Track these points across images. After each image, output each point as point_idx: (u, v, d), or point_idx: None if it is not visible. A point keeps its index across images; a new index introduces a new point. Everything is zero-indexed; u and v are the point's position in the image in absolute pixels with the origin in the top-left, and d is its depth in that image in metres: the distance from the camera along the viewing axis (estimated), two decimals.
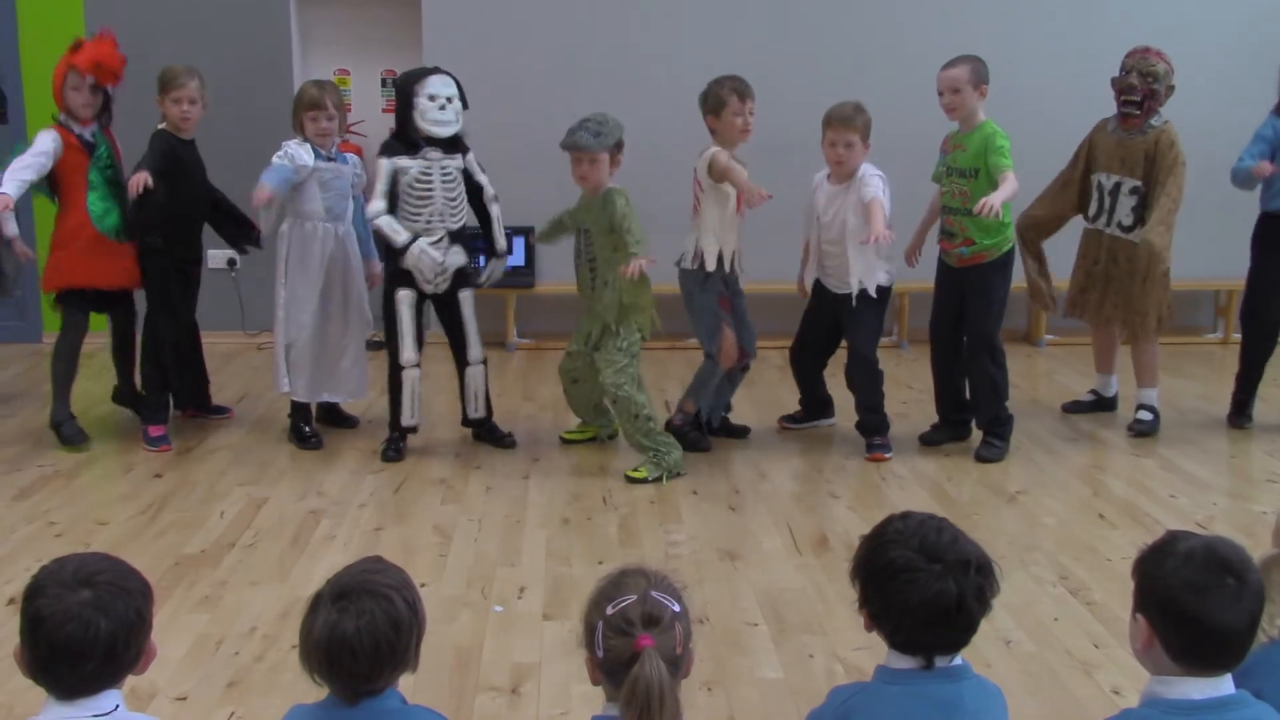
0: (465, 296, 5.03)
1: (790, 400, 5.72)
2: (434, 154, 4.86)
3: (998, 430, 5.10)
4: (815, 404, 5.51)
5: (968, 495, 4.69)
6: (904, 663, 1.97)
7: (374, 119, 7.66)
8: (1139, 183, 5.20)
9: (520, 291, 7.17)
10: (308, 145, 5.00)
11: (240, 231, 5.45)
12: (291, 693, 2.98)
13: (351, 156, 5.34)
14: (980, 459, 5.04)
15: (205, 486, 4.71)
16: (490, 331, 7.04)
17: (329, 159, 5.09)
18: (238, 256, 6.93)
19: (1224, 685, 1.90)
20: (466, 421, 5.24)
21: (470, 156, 4.99)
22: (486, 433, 5.25)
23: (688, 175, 5.08)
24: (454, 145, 4.93)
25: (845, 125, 4.87)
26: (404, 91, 4.85)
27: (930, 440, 5.27)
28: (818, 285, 5.18)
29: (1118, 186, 5.27)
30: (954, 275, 5.09)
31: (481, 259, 5.29)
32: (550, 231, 5.17)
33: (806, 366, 5.41)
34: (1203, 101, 5.90)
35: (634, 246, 4.65)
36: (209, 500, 4.56)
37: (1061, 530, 4.31)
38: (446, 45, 6.90)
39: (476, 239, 5.19)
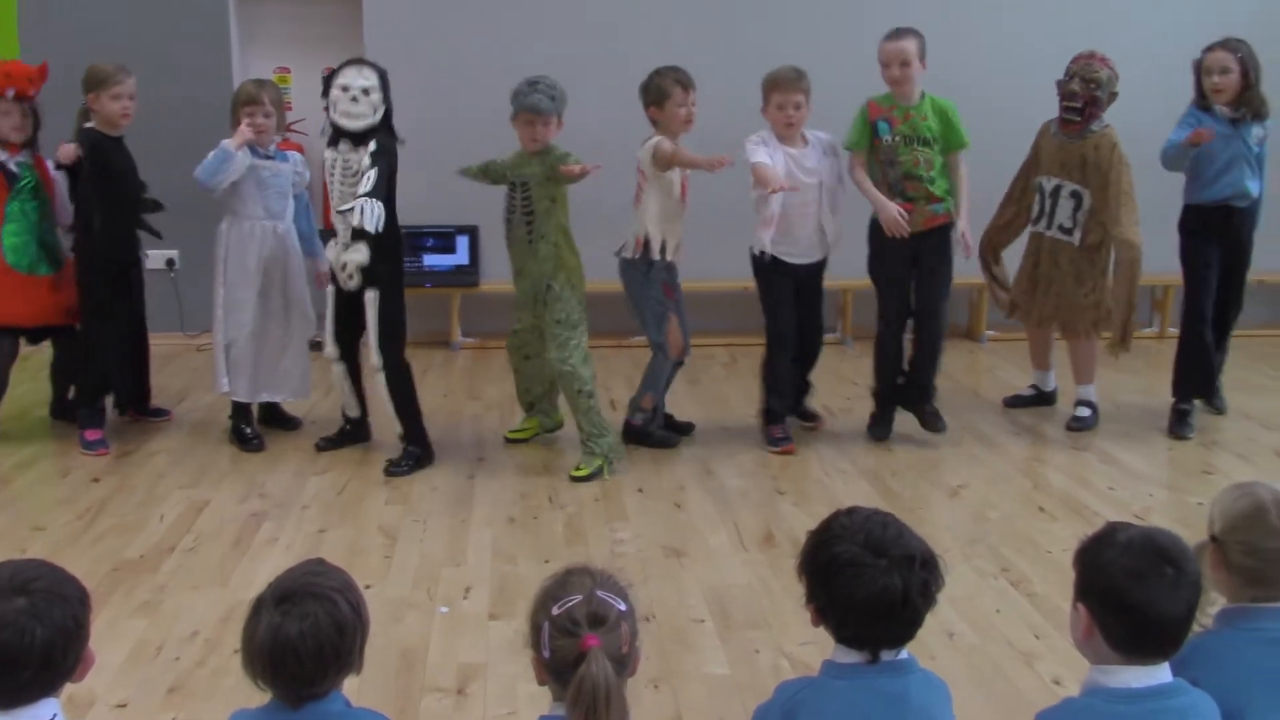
0: (369, 297, 4.76)
1: (737, 398, 5.74)
2: (344, 146, 4.73)
3: (933, 395, 5.27)
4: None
5: (911, 490, 4.73)
6: (850, 657, 1.98)
7: (315, 117, 7.47)
8: (1077, 186, 5.28)
9: (465, 290, 7.14)
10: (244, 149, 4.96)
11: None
12: (234, 697, 2.95)
13: (293, 154, 5.29)
14: (937, 430, 5.21)
15: (144, 490, 4.64)
16: (435, 330, 7.04)
17: (267, 157, 5.04)
18: (177, 257, 6.87)
19: (1162, 673, 1.94)
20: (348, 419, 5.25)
21: (372, 148, 4.61)
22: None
23: (632, 171, 5.07)
24: (366, 138, 4.66)
25: (793, 86, 4.92)
26: (327, 82, 4.79)
27: (881, 435, 5.31)
28: (780, 265, 5.09)
29: (1058, 189, 5.35)
30: (908, 246, 5.04)
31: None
32: (478, 172, 5.10)
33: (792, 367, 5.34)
34: (1134, 100, 5.97)
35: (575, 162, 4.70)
36: (148, 504, 4.49)
37: (1003, 523, 4.36)
38: (387, 42, 6.85)
39: (422, 237, 5.15)
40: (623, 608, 1.92)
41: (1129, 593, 1.90)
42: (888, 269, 5.17)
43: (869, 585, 1.92)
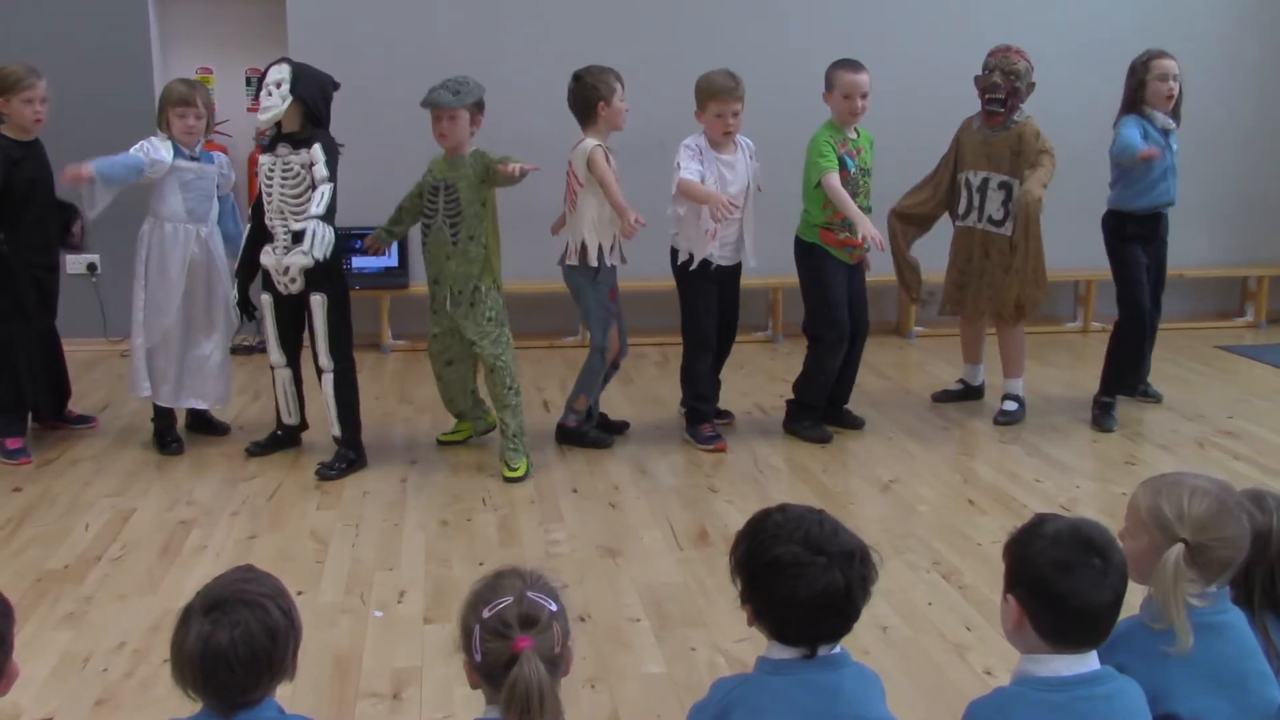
0: (316, 300, 4.70)
1: (670, 397, 5.76)
2: (283, 149, 4.67)
3: (846, 399, 5.52)
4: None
5: (843, 485, 4.77)
6: (785, 653, 1.99)
7: (238, 118, 7.47)
8: (1006, 177, 5.34)
9: (394, 292, 7.09)
10: (169, 143, 4.88)
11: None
12: (164, 708, 2.90)
13: (219, 155, 5.21)
14: (858, 425, 5.42)
15: (68, 499, 4.55)
16: (365, 333, 6.97)
17: (192, 158, 4.96)
18: (98, 261, 6.74)
19: (1090, 661, 1.97)
20: (286, 429, 5.14)
21: (317, 149, 4.62)
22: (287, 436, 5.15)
23: (560, 171, 5.07)
24: (307, 141, 4.64)
25: (731, 95, 4.93)
26: (258, 85, 4.79)
27: (826, 437, 5.32)
28: (706, 269, 5.10)
29: (985, 182, 5.40)
30: (847, 268, 5.24)
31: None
32: (393, 226, 5.09)
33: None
34: (1056, 95, 6.08)
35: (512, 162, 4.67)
36: (72, 513, 4.40)
37: (933, 517, 4.41)
38: (311, 42, 6.77)
39: (351, 239, 5.08)
40: (554, 608, 1.91)
41: (1057, 583, 1.93)
42: (838, 289, 5.22)
43: (812, 584, 1.93)
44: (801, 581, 1.93)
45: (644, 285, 6.06)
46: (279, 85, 4.62)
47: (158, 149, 4.84)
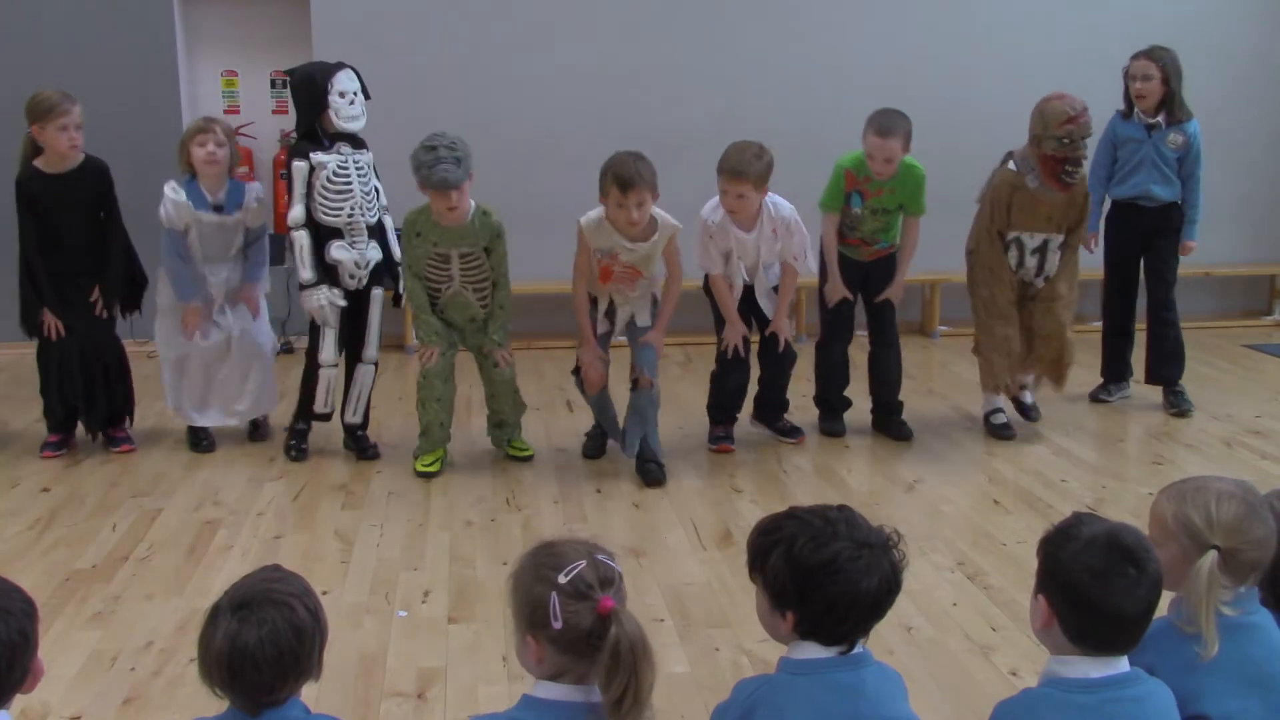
0: (376, 294, 4.96)
1: (694, 398, 5.75)
2: (345, 149, 4.77)
3: (900, 408, 5.39)
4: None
5: (867, 486, 4.76)
6: (808, 653, 1.98)
7: (263, 120, 7.51)
8: (1062, 235, 5.14)
9: None
10: (182, 193, 4.87)
11: (128, 291, 5.14)
12: (191, 706, 2.93)
13: (251, 188, 5.12)
14: (904, 438, 5.27)
15: (96, 499, 4.58)
16: (389, 334, 6.98)
17: (216, 206, 4.93)
18: None
19: (1120, 663, 1.95)
20: (345, 425, 5.12)
21: (371, 155, 4.90)
22: (354, 441, 5.11)
23: (585, 172, 5.02)
24: (359, 141, 4.85)
25: (736, 177, 4.66)
26: (316, 89, 4.71)
27: (836, 430, 5.36)
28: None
29: (1045, 244, 5.14)
30: (860, 268, 5.20)
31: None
32: (431, 312, 4.81)
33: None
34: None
35: (504, 293, 4.80)
36: (100, 513, 4.43)
37: (958, 517, 4.40)
38: (336, 44, 6.78)
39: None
40: (620, 569, 1.92)
41: (1089, 590, 1.91)
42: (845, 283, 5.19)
43: (869, 577, 1.91)
44: (861, 577, 1.90)
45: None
46: (357, 94, 4.77)
47: (175, 213, 4.88)
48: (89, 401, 5.06)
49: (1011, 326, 5.20)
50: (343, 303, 4.87)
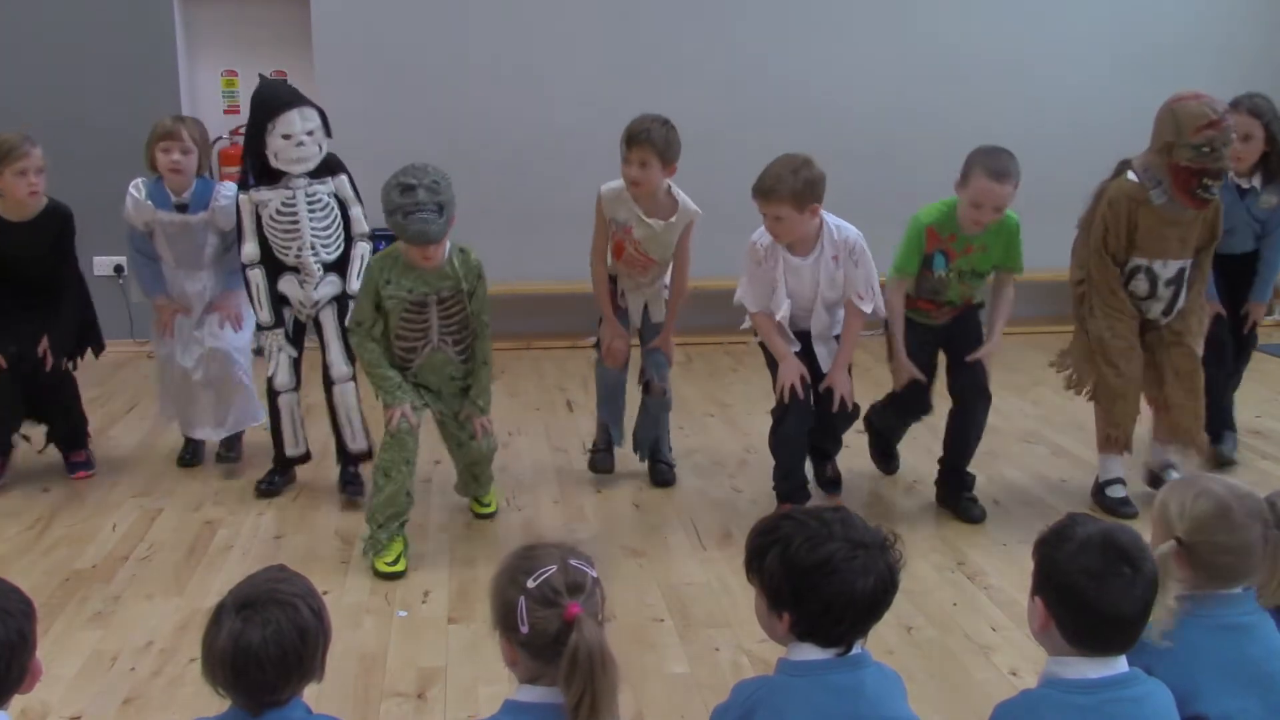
0: (326, 312, 4.45)
1: (693, 398, 5.75)
2: (298, 181, 4.33)
3: (971, 483, 4.48)
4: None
5: (867, 485, 4.76)
6: (806, 654, 1.98)
7: None
8: (1192, 260, 4.37)
9: None
10: (150, 187, 4.62)
11: (79, 340, 4.83)
12: (191, 706, 2.93)
13: (225, 187, 4.71)
14: (977, 519, 4.35)
15: (96, 499, 4.59)
16: None
17: (179, 205, 4.62)
18: (125, 263, 6.79)
19: (1118, 663, 1.96)
20: (347, 456, 4.58)
21: (343, 179, 4.43)
22: (347, 476, 4.64)
23: (586, 172, 5.02)
24: (324, 169, 4.39)
25: (765, 197, 4.03)
26: (258, 124, 4.29)
27: (892, 468, 4.87)
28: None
29: (1180, 273, 4.33)
30: (935, 333, 4.42)
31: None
32: (397, 374, 4.02)
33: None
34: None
35: (486, 344, 4.10)
36: (100, 513, 4.44)
37: (958, 517, 4.39)
38: (336, 44, 6.83)
39: (375, 240, 5.04)
40: (594, 575, 1.92)
41: (1084, 591, 1.91)
42: (912, 358, 4.35)
43: (865, 577, 1.91)
44: (856, 577, 1.91)
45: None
46: (312, 134, 4.32)
47: (137, 209, 4.63)
48: (46, 421, 4.84)
49: (1136, 365, 4.34)
50: (294, 353, 4.54)
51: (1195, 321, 4.41)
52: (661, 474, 4.77)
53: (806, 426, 4.29)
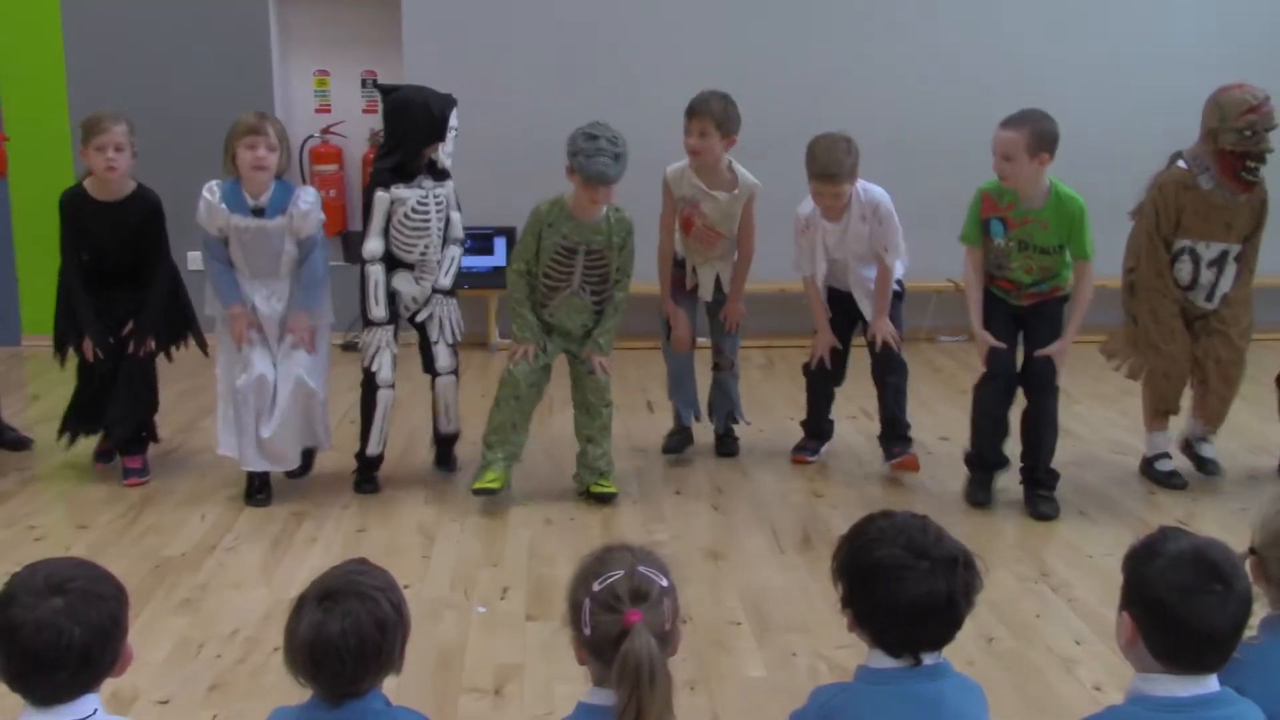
0: (451, 304, 4.69)
1: (775, 400, 5.72)
2: (428, 182, 4.49)
3: (1051, 481, 4.49)
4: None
5: (954, 490, 4.69)
6: (885, 662, 1.96)
7: (354, 120, 7.64)
8: (1240, 245, 4.55)
9: (501, 292, 7.13)
10: (225, 189, 4.38)
11: (170, 329, 4.81)
12: (274, 695, 2.96)
13: (304, 193, 4.53)
14: (1044, 516, 4.38)
15: (186, 490, 4.68)
16: (472, 333, 7.05)
17: (255, 210, 4.38)
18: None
19: (1209, 682, 1.90)
20: (440, 438, 4.86)
21: (452, 186, 4.61)
22: (442, 455, 4.91)
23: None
24: (443, 173, 4.58)
25: (829, 180, 4.53)
26: (434, 119, 4.43)
27: (980, 501, 4.56)
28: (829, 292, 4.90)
29: (1224, 255, 4.53)
30: (1013, 312, 4.48)
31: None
32: (532, 309, 4.53)
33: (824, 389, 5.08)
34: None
35: (623, 293, 4.53)
36: (189, 503, 4.53)
37: (1043, 528, 4.32)
38: (427, 45, 6.91)
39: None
40: (665, 584, 1.92)
41: (1175, 608, 1.86)
42: (991, 327, 4.42)
43: (913, 589, 1.90)
44: (903, 586, 1.90)
45: (750, 288, 6.00)
46: (456, 128, 4.54)
47: (211, 214, 4.39)
48: (113, 419, 4.74)
49: (1180, 346, 4.55)
50: (396, 350, 4.59)
51: (1242, 312, 4.61)
52: (727, 446, 5.15)
53: (829, 394, 5.05)
